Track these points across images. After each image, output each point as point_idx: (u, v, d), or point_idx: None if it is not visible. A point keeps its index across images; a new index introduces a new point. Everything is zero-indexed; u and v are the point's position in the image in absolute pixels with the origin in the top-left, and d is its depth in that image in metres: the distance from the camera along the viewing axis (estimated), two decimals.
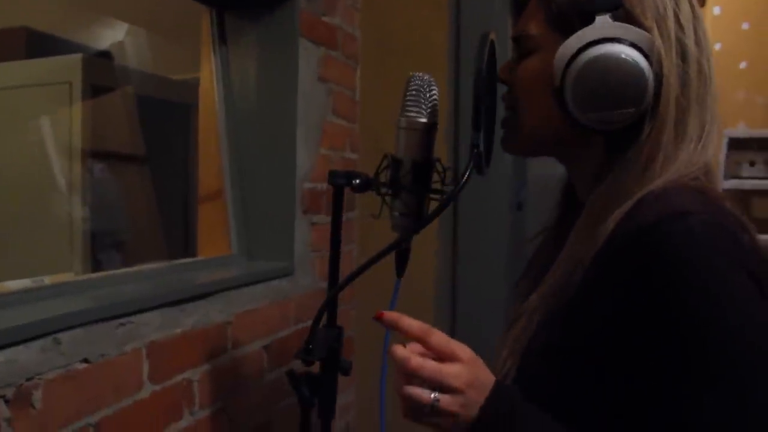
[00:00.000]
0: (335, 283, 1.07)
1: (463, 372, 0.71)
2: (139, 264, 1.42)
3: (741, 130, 3.80)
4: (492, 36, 0.92)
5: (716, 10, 3.83)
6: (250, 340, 1.47)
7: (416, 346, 0.75)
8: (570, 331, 0.75)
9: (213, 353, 1.33)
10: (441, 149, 1.96)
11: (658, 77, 0.76)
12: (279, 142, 1.64)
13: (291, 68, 1.62)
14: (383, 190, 0.98)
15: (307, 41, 1.67)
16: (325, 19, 1.78)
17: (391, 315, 0.76)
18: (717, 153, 0.80)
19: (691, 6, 0.81)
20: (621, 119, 0.76)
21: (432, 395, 0.70)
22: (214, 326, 1.34)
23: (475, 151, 0.86)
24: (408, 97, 0.95)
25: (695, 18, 0.80)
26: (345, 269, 1.98)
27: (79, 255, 1.81)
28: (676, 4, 0.79)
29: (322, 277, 1.82)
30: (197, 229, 1.73)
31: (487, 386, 0.71)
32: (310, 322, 1.75)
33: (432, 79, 0.96)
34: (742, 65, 3.88)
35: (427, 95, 0.95)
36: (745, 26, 3.89)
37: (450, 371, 0.71)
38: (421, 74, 0.95)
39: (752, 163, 3.82)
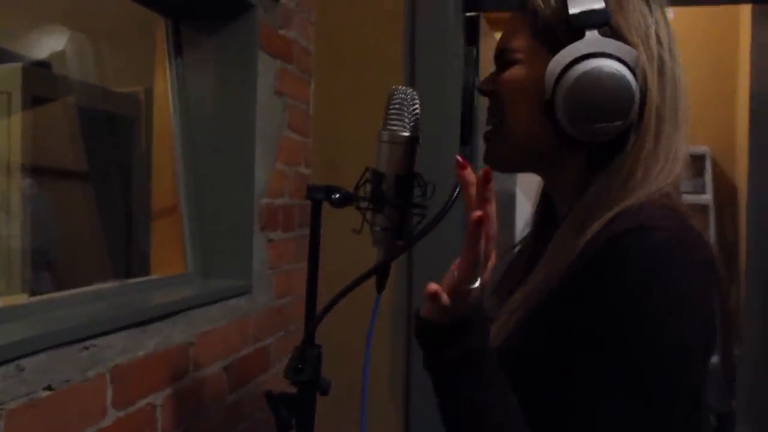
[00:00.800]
0: (313, 301, 1.04)
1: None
2: (84, 284, 1.35)
3: None
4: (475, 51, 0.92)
5: None
6: (211, 362, 1.42)
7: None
8: (535, 335, 0.78)
9: (175, 376, 1.28)
10: None
11: (642, 91, 0.78)
12: (237, 156, 1.60)
13: (250, 81, 1.59)
14: (365, 204, 0.97)
15: (265, 54, 1.65)
16: (281, 32, 1.75)
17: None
18: (685, 165, 0.84)
19: (667, 24, 0.84)
20: (609, 131, 0.79)
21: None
22: (176, 348, 1.29)
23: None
24: (391, 111, 0.94)
25: (671, 35, 0.83)
26: (300, 288, 1.96)
27: (18, 276, 1.71)
28: (656, 22, 0.82)
29: (280, 295, 1.78)
30: (149, 246, 1.67)
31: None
32: (268, 341, 1.72)
33: (415, 93, 0.95)
34: None
35: (411, 109, 0.94)
36: None
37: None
38: (403, 88, 0.95)
39: None
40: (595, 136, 0.79)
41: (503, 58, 0.87)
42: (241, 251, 1.60)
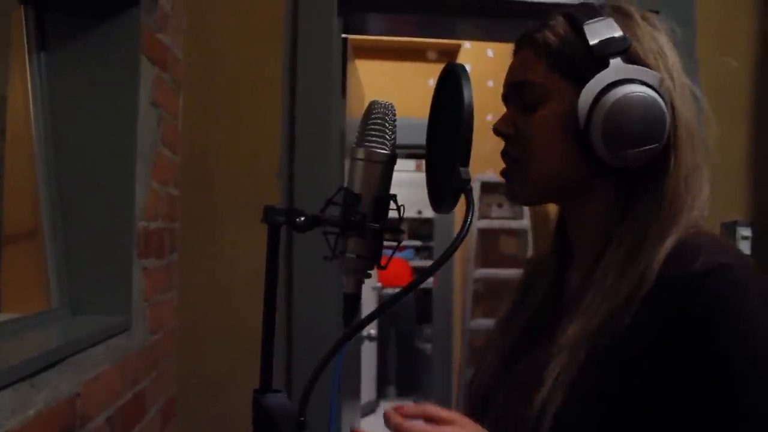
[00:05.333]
0: (270, 340, 0.90)
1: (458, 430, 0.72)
2: None
3: (490, 176, 4.23)
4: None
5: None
6: (96, 413, 1.20)
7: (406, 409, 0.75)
8: (622, 375, 0.74)
9: None
10: (273, 188, 1.84)
11: (671, 113, 0.79)
12: (115, 173, 1.39)
13: (131, 89, 1.39)
14: (331, 229, 0.87)
15: (146, 59, 1.46)
16: (159, 36, 1.57)
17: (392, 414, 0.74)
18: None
19: (672, 45, 0.85)
20: (645, 156, 0.78)
21: None
22: (64, 402, 1.06)
23: (469, 187, 0.81)
24: (371, 126, 0.86)
25: (677, 55, 0.85)
26: (166, 319, 1.75)
27: None
28: (665, 43, 0.83)
29: (153, 329, 1.57)
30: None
31: None
32: (144, 384, 1.50)
33: (394, 108, 0.88)
34: (488, 118, 4.34)
35: (391, 125, 0.87)
36: (490, 84, 4.37)
37: (447, 429, 0.72)
38: (383, 102, 0.87)
39: (500, 205, 4.27)
40: (631, 161, 0.78)
41: (526, 93, 0.84)
42: (119, 282, 1.38)
